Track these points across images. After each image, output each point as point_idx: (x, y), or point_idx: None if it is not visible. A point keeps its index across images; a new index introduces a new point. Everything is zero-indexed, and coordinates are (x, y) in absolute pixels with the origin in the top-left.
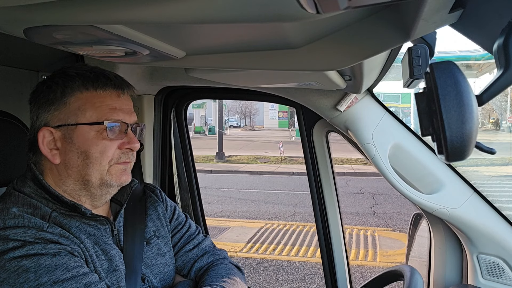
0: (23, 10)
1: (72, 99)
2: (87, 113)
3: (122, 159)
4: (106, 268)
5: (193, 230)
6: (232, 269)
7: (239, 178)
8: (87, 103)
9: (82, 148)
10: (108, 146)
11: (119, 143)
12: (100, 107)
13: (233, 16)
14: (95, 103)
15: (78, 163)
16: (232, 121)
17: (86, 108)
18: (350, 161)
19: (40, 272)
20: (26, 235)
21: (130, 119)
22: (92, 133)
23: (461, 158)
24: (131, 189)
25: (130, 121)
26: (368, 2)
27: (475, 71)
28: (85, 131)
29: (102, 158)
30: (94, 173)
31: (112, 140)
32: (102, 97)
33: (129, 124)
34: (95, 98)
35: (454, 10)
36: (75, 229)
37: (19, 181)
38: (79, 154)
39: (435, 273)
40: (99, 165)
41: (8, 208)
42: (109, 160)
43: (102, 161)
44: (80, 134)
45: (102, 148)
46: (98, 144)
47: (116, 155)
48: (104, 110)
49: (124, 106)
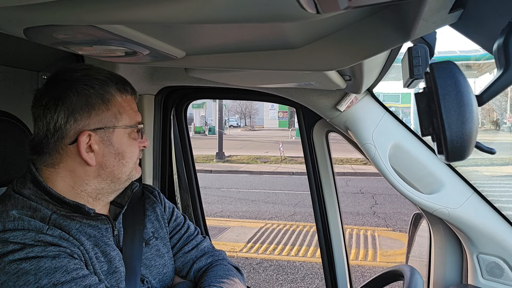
0: (23, 10)
1: (112, 103)
2: (123, 117)
3: (138, 156)
4: (106, 270)
5: (192, 231)
6: (231, 270)
7: (239, 178)
8: (122, 107)
9: (120, 149)
10: (136, 146)
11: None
12: (129, 111)
13: (233, 16)
14: (125, 107)
15: (114, 163)
16: (232, 121)
17: (122, 111)
18: (350, 161)
19: (40, 274)
20: (26, 238)
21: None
22: (126, 135)
23: (461, 158)
24: (132, 191)
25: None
26: (368, 2)
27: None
28: (121, 133)
29: (133, 157)
30: (126, 171)
31: (135, 140)
32: (129, 101)
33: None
34: (125, 102)
35: (454, 10)
36: (75, 231)
37: (18, 183)
38: (116, 155)
39: (435, 273)
40: (132, 163)
41: (7, 211)
42: (136, 158)
43: (134, 159)
44: (118, 136)
45: (134, 148)
46: (131, 145)
47: (137, 153)
48: (132, 113)
49: (135, 108)
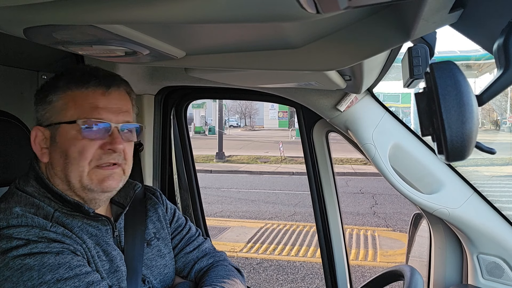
0: (23, 10)
1: (55, 98)
2: (68, 112)
3: (103, 159)
4: (108, 269)
5: (193, 232)
6: (232, 270)
7: (239, 178)
8: (70, 102)
9: (63, 148)
10: (87, 146)
11: (100, 143)
12: (81, 106)
13: (233, 16)
14: (77, 102)
15: (61, 162)
16: (232, 121)
17: (68, 107)
18: (350, 161)
19: (44, 270)
20: (30, 234)
21: (116, 119)
22: (73, 132)
23: (461, 158)
24: (134, 192)
25: (116, 120)
26: (368, 2)
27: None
28: (66, 130)
29: (80, 159)
30: (73, 174)
31: (93, 140)
32: (84, 95)
33: (111, 124)
34: (78, 96)
35: (454, 10)
36: (77, 229)
37: (21, 180)
38: (61, 153)
39: (435, 273)
40: (77, 166)
41: (11, 208)
42: (88, 161)
43: (80, 161)
44: (62, 133)
45: (81, 148)
46: (76, 144)
47: (97, 155)
48: (85, 108)
49: (111, 104)
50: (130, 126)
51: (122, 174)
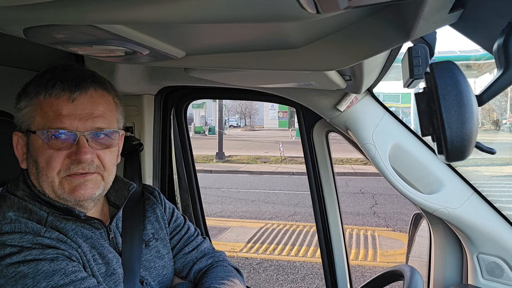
0: (23, 10)
1: (23, 104)
2: (35, 120)
3: (72, 169)
4: (104, 272)
5: (192, 232)
6: (231, 271)
7: (239, 178)
8: (37, 109)
9: (34, 157)
10: (53, 156)
11: (67, 153)
12: (46, 113)
13: (233, 16)
14: (42, 109)
15: (33, 171)
16: (232, 121)
17: (35, 115)
18: (350, 161)
19: (38, 277)
20: (23, 241)
21: (84, 126)
22: (40, 141)
23: (461, 158)
24: (129, 192)
25: (84, 128)
26: (368, 2)
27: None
28: (35, 139)
29: (47, 169)
30: (45, 184)
31: (59, 149)
32: (50, 102)
33: (77, 133)
34: (44, 103)
35: (454, 10)
36: (72, 232)
37: (13, 184)
38: (33, 162)
39: (435, 273)
40: (46, 176)
41: (3, 213)
42: (56, 171)
43: (48, 172)
44: (32, 141)
45: (48, 157)
46: (44, 154)
47: (65, 165)
48: (49, 117)
49: (78, 111)
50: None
51: (100, 180)
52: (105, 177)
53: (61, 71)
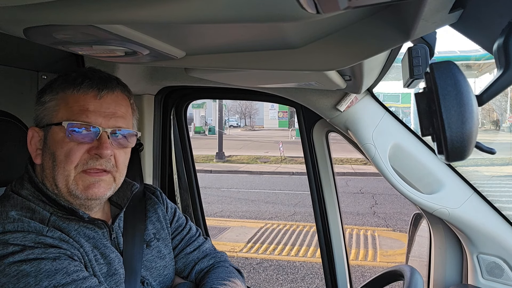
0: (23, 10)
1: (48, 98)
2: (59, 114)
3: (90, 164)
4: (105, 272)
5: (194, 232)
6: (233, 271)
7: (239, 178)
8: (61, 103)
9: (52, 150)
10: (73, 150)
11: (88, 147)
12: (71, 108)
13: (233, 16)
14: (68, 104)
15: (50, 165)
16: (232, 121)
17: (59, 108)
18: (350, 161)
19: (40, 276)
20: (26, 240)
21: (107, 123)
22: (61, 134)
23: (461, 158)
24: (132, 193)
25: (107, 125)
26: (368, 2)
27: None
28: (55, 132)
29: (66, 162)
30: (60, 178)
31: (80, 143)
32: (76, 97)
33: (100, 128)
34: (69, 98)
35: (454, 10)
36: (74, 232)
37: (17, 183)
38: (50, 155)
39: (435, 273)
40: (63, 169)
41: (6, 212)
42: (74, 165)
43: (66, 165)
44: (51, 135)
45: (67, 150)
46: (63, 147)
47: (83, 160)
48: (75, 111)
49: (103, 108)
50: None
51: (112, 182)
52: (117, 178)
53: (87, 71)
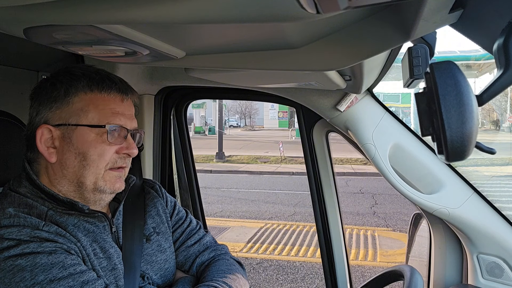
0: (23, 10)
1: (75, 99)
2: (89, 115)
3: (118, 163)
4: (105, 266)
5: (194, 225)
6: (234, 264)
7: (239, 178)
8: (91, 104)
9: (81, 149)
10: (107, 150)
11: (117, 148)
12: (103, 110)
13: (233, 16)
14: (98, 105)
15: (75, 163)
16: (232, 121)
17: (89, 109)
18: (350, 161)
19: (36, 270)
20: (21, 234)
21: (131, 125)
22: (92, 135)
23: (461, 158)
24: (129, 185)
25: (130, 126)
26: (368, 2)
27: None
28: (85, 132)
29: (99, 161)
30: (90, 176)
31: (111, 144)
32: (106, 100)
33: (129, 130)
34: (99, 100)
35: (454, 10)
36: (72, 227)
37: (15, 182)
38: (77, 155)
39: (435, 273)
40: (95, 168)
41: (3, 209)
42: (106, 163)
43: (99, 164)
44: (80, 135)
45: (101, 151)
46: (97, 147)
47: (113, 159)
48: (107, 113)
49: (127, 111)
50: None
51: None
52: (127, 172)
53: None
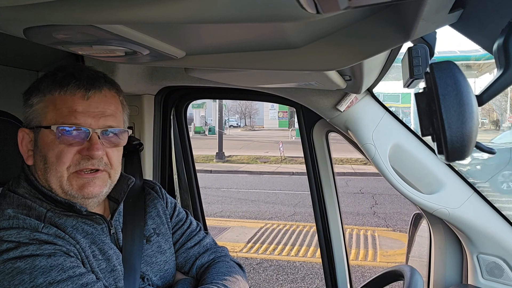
0: (23, 10)
1: (36, 100)
2: (48, 116)
3: (81, 165)
4: (104, 268)
5: (194, 227)
6: (234, 266)
7: (239, 178)
8: (50, 105)
9: (43, 152)
10: (64, 151)
11: (78, 149)
12: (59, 110)
13: (233, 16)
14: (56, 105)
15: (41, 166)
16: (232, 121)
17: (48, 110)
18: (350, 161)
19: (35, 273)
20: (20, 236)
21: (97, 124)
22: (51, 136)
23: (461, 158)
24: (128, 187)
25: (97, 125)
26: (368, 2)
27: (475, 71)
28: (45, 134)
29: (57, 164)
30: (53, 180)
31: (70, 145)
32: (64, 99)
33: (89, 130)
34: (57, 100)
35: (454, 10)
36: (71, 229)
37: (14, 182)
38: (41, 157)
39: (435, 273)
40: (55, 171)
41: (2, 210)
42: (66, 166)
43: (58, 167)
44: (42, 137)
45: (58, 152)
46: (54, 149)
47: (75, 161)
48: (63, 113)
49: (92, 108)
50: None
51: (107, 179)
52: (112, 175)
53: (74, 70)
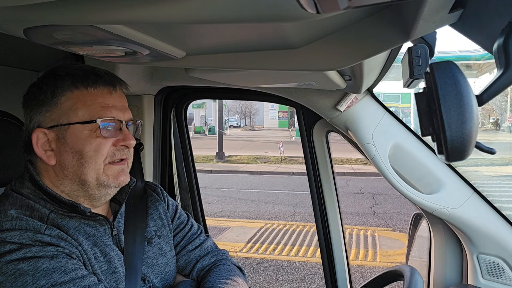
0: (23, 10)
1: (62, 99)
2: (79, 112)
3: (117, 155)
4: (105, 270)
5: (195, 229)
6: (234, 270)
7: (239, 178)
8: (78, 102)
9: (76, 148)
10: (102, 144)
11: (113, 141)
12: (91, 105)
13: (233, 16)
14: (86, 102)
15: (73, 163)
16: (232, 121)
17: (77, 107)
18: (350, 161)
19: (38, 275)
20: (23, 238)
21: (124, 116)
22: (86, 132)
23: (461, 158)
24: (130, 188)
25: (124, 118)
26: (368, 2)
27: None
28: (78, 130)
29: (97, 157)
30: (90, 173)
31: (106, 138)
32: (93, 95)
33: (123, 121)
34: (86, 96)
35: (454, 10)
36: (73, 230)
37: (17, 182)
38: (74, 153)
39: (435, 273)
40: (94, 164)
41: (5, 210)
42: (104, 158)
43: (97, 159)
44: (73, 133)
45: (96, 146)
46: (92, 143)
47: (111, 152)
48: (96, 108)
49: (117, 103)
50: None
51: (128, 168)
52: (129, 164)
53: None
